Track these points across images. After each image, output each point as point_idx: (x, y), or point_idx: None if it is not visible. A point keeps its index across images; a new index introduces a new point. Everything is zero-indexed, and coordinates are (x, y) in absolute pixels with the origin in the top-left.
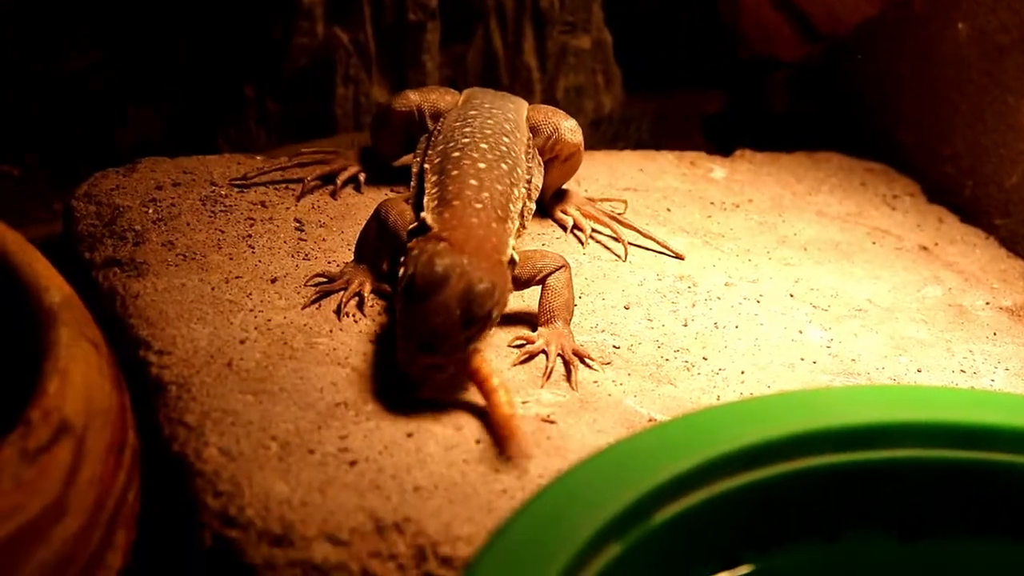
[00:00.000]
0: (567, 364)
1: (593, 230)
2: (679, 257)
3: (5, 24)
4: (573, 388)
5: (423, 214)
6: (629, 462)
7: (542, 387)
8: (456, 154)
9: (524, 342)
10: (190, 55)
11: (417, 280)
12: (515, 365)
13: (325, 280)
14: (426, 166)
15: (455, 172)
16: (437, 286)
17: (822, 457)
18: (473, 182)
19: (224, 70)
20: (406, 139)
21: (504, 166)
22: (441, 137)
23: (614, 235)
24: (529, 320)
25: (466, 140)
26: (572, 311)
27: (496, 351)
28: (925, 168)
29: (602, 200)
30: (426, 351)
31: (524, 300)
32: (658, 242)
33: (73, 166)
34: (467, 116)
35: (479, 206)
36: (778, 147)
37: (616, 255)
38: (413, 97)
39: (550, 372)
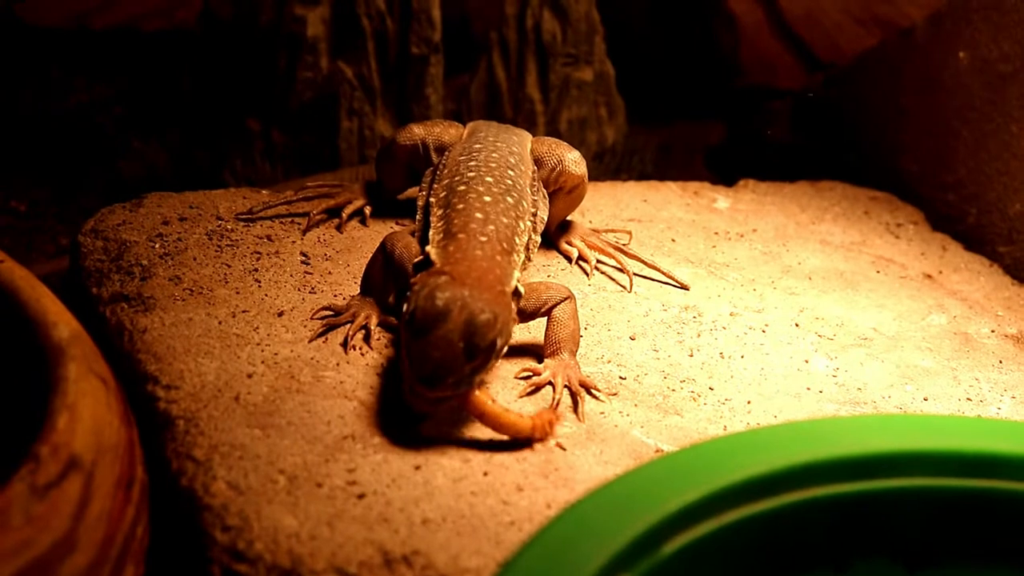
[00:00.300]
0: (574, 395)
1: (598, 261)
2: (684, 287)
3: (11, 60)
4: (580, 420)
5: (428, 248)
6: (637, 493)
7: None
8: (462, 188)
9: (531, 374)
10: (195, 89)
11: (418, 315)
12: (521, 397)
13: (331, 313)
14: (431, 200)
15: (460, 206)
16: (439, 320)
17: (830, 487)
18: (478, 215)
19: (229, 104)
20: (410, 173)
21: (510, 199)
22: (446, 171)
23: (619, 266)
24: (535, 352)
25: (471, 174)
26: (578, 342)
27: (503, 383)
28: (928, 196)
29: (606, 231)
30: (431, 385)
31: (530, 332)
32: (663, 272)
33: (79, 200)
34: (472, 150)
35: (484, 239)
36: (781, 177)
37: (621, 286)
38: (417, 131)
39: (557, 403)
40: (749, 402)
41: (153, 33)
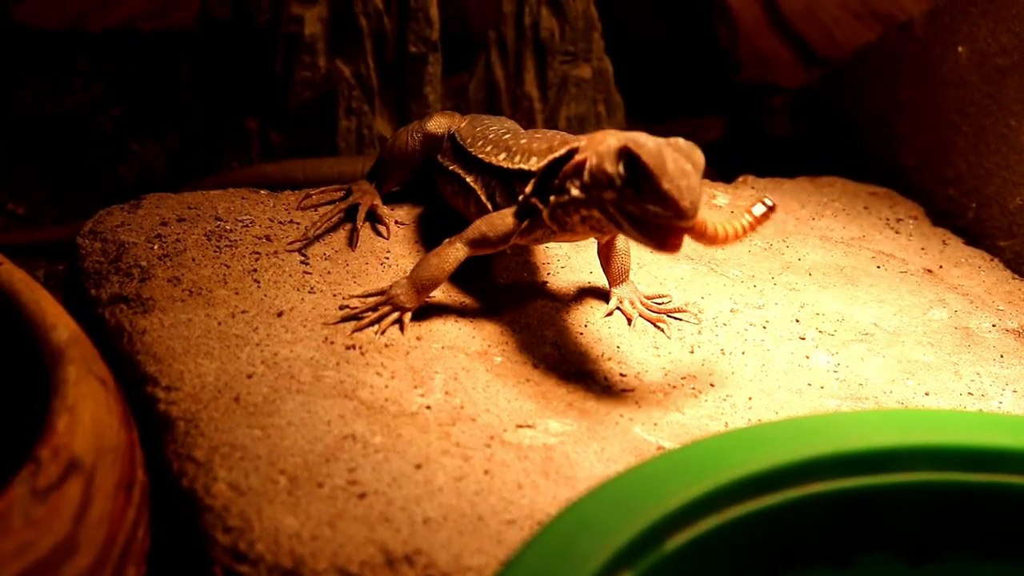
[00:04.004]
0: (654, 323)
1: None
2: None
3: (9, 62)
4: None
5: (539, 162)
6: (639, 490)
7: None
8: (508, 136)
9: (617, 308)
10: (193, 89)
11: (647, 164)
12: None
13: (366, 307)
14: (481, 155)
15: (536, 134)
16: (662, 156)
17: (831, 482)
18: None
19: (227, 104)
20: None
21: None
22: (479, 143)
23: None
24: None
25: (504, 131)
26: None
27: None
28: (928, 191)
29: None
30: (694, 213)
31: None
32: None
33: (77, 203)
34: (502, 124)
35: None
36: (780, 172)
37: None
38: (436, 122)
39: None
40: (750, 398)
41: (150, 34)
